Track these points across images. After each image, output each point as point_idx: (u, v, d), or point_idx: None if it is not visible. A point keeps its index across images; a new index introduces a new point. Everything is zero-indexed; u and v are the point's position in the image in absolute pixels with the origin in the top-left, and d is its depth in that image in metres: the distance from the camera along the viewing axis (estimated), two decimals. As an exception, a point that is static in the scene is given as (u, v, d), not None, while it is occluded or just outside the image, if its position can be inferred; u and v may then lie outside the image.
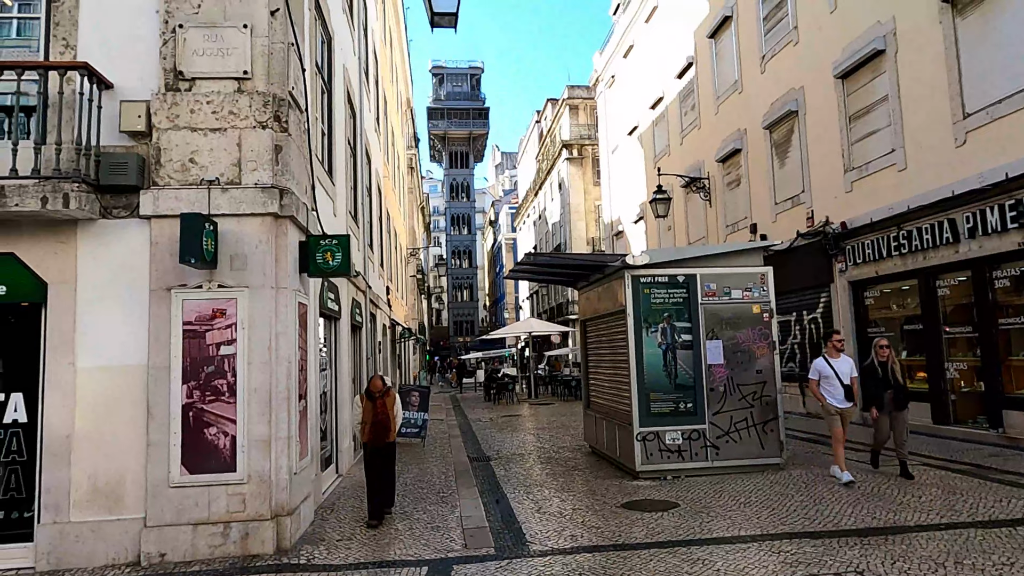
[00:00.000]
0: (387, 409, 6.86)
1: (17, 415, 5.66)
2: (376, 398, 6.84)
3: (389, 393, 6.97)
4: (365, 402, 6.86)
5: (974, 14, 9.55)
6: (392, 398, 6.97)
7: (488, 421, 16.53)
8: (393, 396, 6.99)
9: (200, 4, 6.00)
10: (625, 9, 25.85)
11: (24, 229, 5.66)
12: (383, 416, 6.80)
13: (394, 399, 7.00)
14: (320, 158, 8.30)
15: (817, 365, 7.88)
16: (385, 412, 6.83)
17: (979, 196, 9.25)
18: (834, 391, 7.70)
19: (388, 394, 6.95)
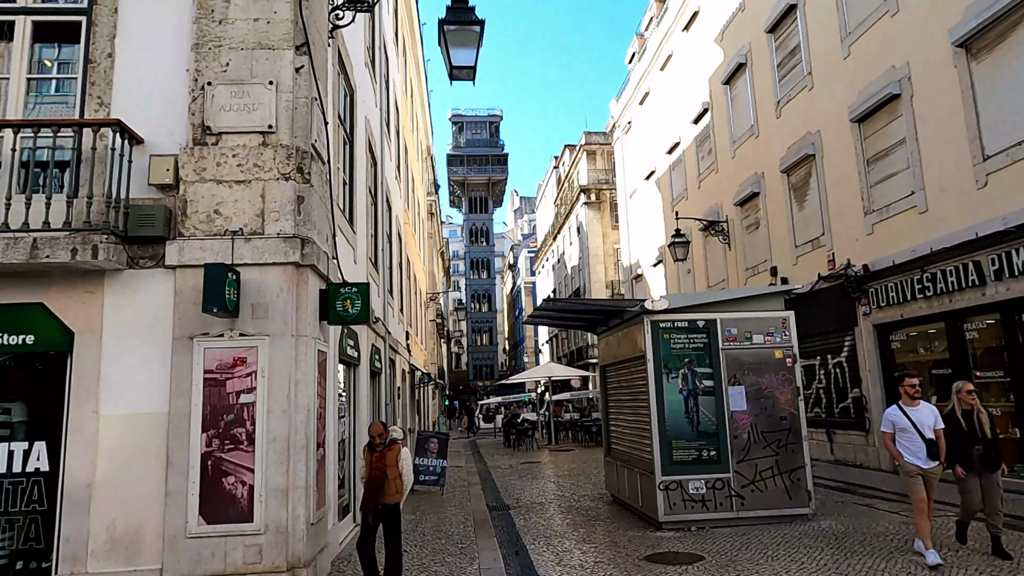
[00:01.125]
0: (385, 464, 5.86)
1: (40, 464, 5.70)
2: (376, 449, 5.95)
3: (394, 446, 6.00)
4: (366, 453, 6.02)
5: (988, 58, 9.59)
6: (396, 452, 5.95)
7: (508, 468, 16.29)
8: (398, 450, 5.97)
9: (228, 62, 6.23)
10: (640, 58, 26.39)
11: (53, 279, 5.81)
12: (379, 472, 5.80)
13: (398, 453, 5.95)
14: (341, 207, 8.46)
15: (890, 415, 6.47)
16: (382, 467, 5.83)
17: (1004, 238, 9.12)
18: (913, 446, 6.25)
19: (392, 447, 5.99)
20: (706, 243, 19.67)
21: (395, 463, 5.92)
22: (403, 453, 6.02)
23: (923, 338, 11.33)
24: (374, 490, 5.81)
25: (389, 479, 5.85)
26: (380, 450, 5.94)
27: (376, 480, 5.81)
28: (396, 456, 5.94)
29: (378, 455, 5.91)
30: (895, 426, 6.38)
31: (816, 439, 13.51)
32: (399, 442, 6.10)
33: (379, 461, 5.87)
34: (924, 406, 6.41)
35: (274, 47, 6.28)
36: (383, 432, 6.05)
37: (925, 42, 10.69)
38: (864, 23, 12.29)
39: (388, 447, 5.97)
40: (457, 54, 7.20)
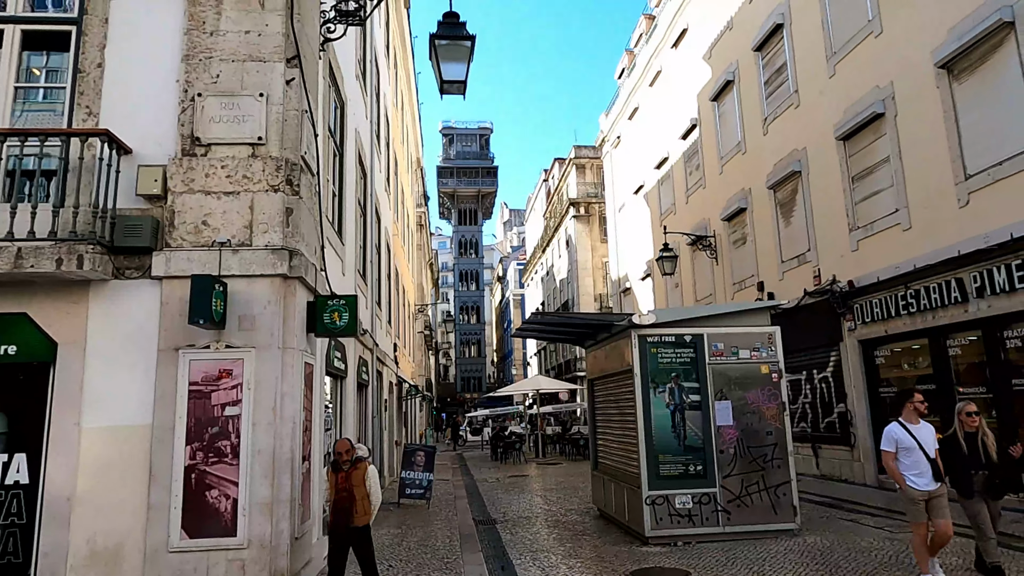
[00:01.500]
0: (352, 484, 5.56)
1: (19, 476, 5.62)
2: (341, 468, 5.65)
3: (360, 465, 5.68)
4: (330, 474, 5.71)
5: (970, 79, 9.78)
6: (363, 471, 5.65)
7: (495, 481, 16.21)
8: (365, 468, 5.68)
9: (219, 74, 6.24)
10: (630, 73, 26.65)
11: (37, 289, 5.76)
12: (345, 493, 5.52)
13: (365, 471, 5.65)
14: (330, 219, 8.45)
15: (892, 432, 5.88)
16: (349, 488, 5.54)
17: (985, 256, 9.26)
18: (918, 467, 5.71)
19: (359, 466, 5.67)
20: (694, 257, 19.81)
21: (362, 482, 5.62)
22: (370, 471, 5.73)
23: (907, 354, 11.44)
24: (342, 513, 5.51)
25: (357, 500, 5.55)
26: (346, 469, 5.64)
27: (343, 502, 5.51)
28: (363, 475, 5.64)
29: (344, 475, 5.60)
30: (898, 444, 5.81)
31: (802, 454, 13.57)
32: (365, 460, 5.80)
33: (345, 481, 5.57)
34: (924, 424, 5.93)
35: (265, 59, 6.30)
36: (351, 449, 5.73)
37: (909, 63, 10.89)
38: (849, 43, 12.51)
39: (354, 466, 5.67)
40: (448, 68, 7.26)
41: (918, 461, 5.71)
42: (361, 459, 5.76)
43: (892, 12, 11.34)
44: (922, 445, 5.73)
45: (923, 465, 5.69)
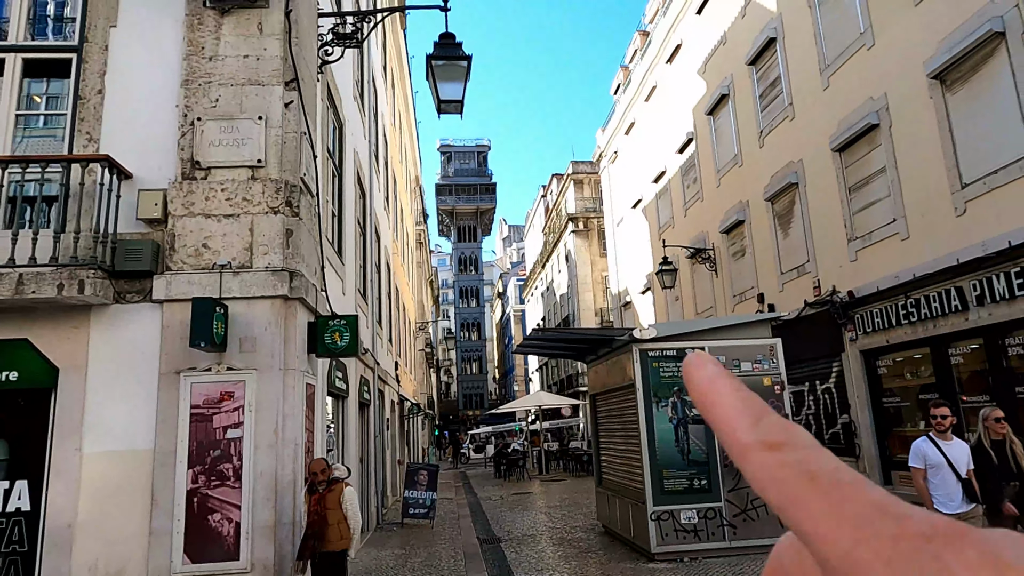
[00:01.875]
0: (326, 506, 5.33)
1: (20, 503, 5.59)
2: (316, 489, 5.43)
3: (336, 486, 5.43)
4: (306, 496, 5.50)
5: (962, 90, 9.86)
6: (339, 492, 5.41)
7: (498, 499, 16.11)
8: (341, 490, 5.45)
9: (218, 98, 6.30)
10: (625, 89, 26.86)
11: (39, 315, 5.76)
12: (317, 516, 5.30)
13: (341, 493, 5.42)
14: (330, 239, 8.48)
15: (920, 448, 5.47)
16: (322, 510, 5.31)
17: (984, 264, 9.28)
18: (946, 487, 5.30)
19: (334, 487, 5.42)
20: (693, 270, 19.83)
21: (337, 505, 5.36)
22: (347, 493, 5.47)
23: (909, 363, 11.42)
24: (312, 538, 5.24)
25: (331, 524, 5.30)
26: (321, 491, 5.43)
27: (314, 526, 5.26)
28: (339, 497, 5.39)
29: (317, 497, 5.39)
30: (926, 462, 5.38)
31: (807, 466, 13.47)
32: (343, 481, 5.57)
33: (318, 503, 5.35)
34: (957, 441, 5.51)
35: (263, 83, 6.36)
36: (327, 468, 5.50)
37: (901, 74, 10.98)
38: (842, 55, 12.62)
39: (330, 487, 5.45)
40: (445, 88, 7.34)
41: (946, 481, 5.28)
42: (338, 480, 5.53)
43: (883, 24, 11.46)
44: (952, 463, 5.28)
45: (951, 485, 5.26)
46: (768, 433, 0.25)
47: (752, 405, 0.27)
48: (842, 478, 0.23)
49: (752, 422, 0.26)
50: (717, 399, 0.27)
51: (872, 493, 0.23)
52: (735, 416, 0.27)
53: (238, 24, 6.44)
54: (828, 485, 0.23)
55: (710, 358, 0.30)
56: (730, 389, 0.28)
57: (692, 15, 19.64)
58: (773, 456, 0.24)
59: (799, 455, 0.24)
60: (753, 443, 0.25)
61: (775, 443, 0.25)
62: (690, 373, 0.29)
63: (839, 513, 0.22)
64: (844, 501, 0.22)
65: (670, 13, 21.19)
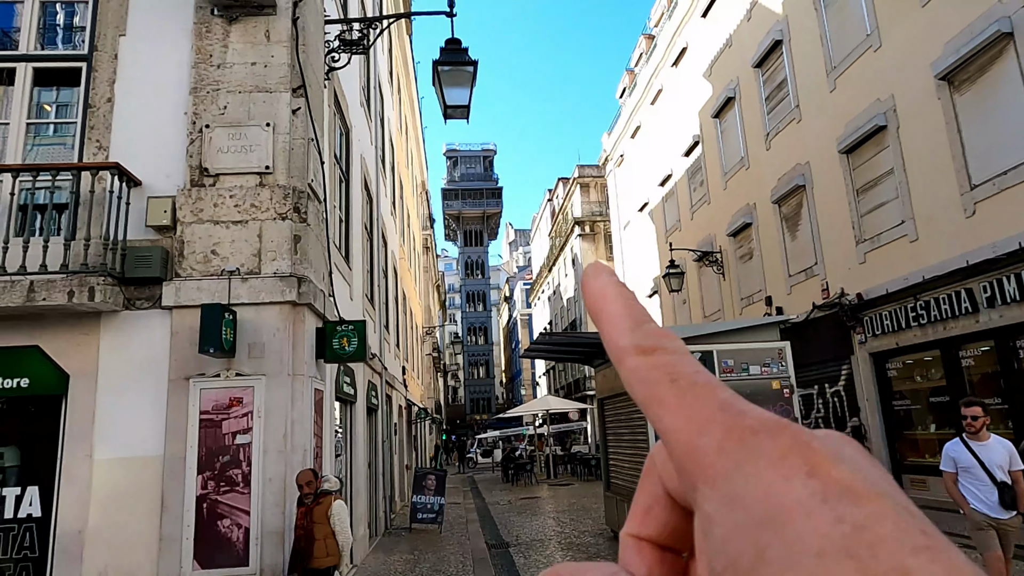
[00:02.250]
0: (312, 520, 5.10)
1: (32, 509, 5.62)
2: (303, 502, 5.22)
3: (324, 499, 5.21)
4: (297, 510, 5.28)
5: (970, 90, 9.81)
6: (327, 506, 5.18)
7: (506, 504, 16.08)
8: (329, 503, 5.21)
9: (226, 105, 6.34)
10: (631, 92, 26.86)
11: (49, 322, 5.81)
12: (302, 530, 5.09)
13: (328, 507, 5.18)
14: (337, 244, 8.51)
15: (951, 451, 5.16)
16: (309, 525, 5.09)
17: (995, 265, 9.21)
18: (979, 491, 4.95)
19: (323, 500, 5.20)
20: (700, 274, 19.78)
21: (325, 519, 5.12)
22: (336, 507, 5.22)
23: (919, 366, 11.34)
24: (298, 555, 5.04)
25: (317, 539, 5.06)
26: (308, 504, 5.19)
27: (300, 541, 5.05)
28: (326, 510, 5.15)
29: (304, 510, 5.16)
30: (956, 464, 5.08)
31: (817, 469, 13.39)
32: (333, 494, 5.33)
33: (304, 517, 5.13)
34: (995, 440, 5.09)
35: (271, 90, 6.39)
36: (312, 480, 5.25)
37: (908, 75, 10.94)
38: (849, 57, 12.58)
39: (317, 500, 5.21)
40: (451, 93, 7.36)
41: (977, 483, 4.93)
42: (327, 492, 5.29)
43: (890, 26, 11.42)
44: (986, 465, 4.91)
45: (985, 488, 4.89)
46: (643, 339, 0.27)
47: (634, 313, 0.29)
48: (697, 380, 0.26)
49: (631, 328, 0.28)
50: (604, 306, 0.29)
51: (720, 393, 0.25)
52: (617, 322, 0.28)
53: (246, 32, 6.48)
54: (684, 386, 0.25)
55: (606, 268, 0.31)
56: (617, 297, 0.30)
57: (697, 18, 19.63)
58: (644, 359, 0.26)
59: (666, 359, 0.26)
60: (628, 347, 0.27)
61: (648, 348, 0.27)
62: (585, 282, 0.31)
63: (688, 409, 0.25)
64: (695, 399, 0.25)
65: (675, 16, 21.20)
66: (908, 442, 11.62)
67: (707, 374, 0.27)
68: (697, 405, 0.25)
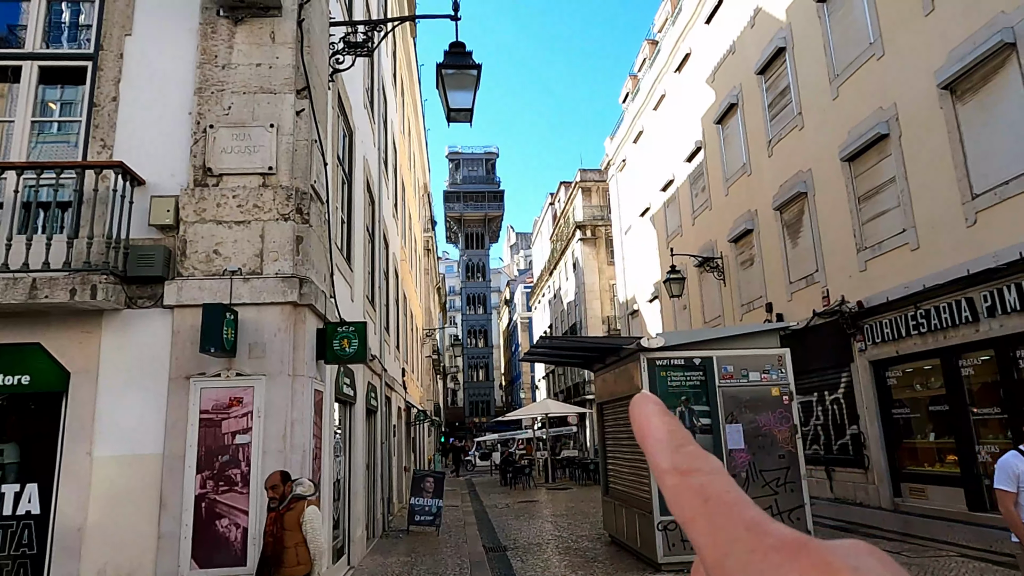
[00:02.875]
0: (283, 527, 4.76)
1: (31, 506, 5.62)
2: (271, 507, 4.88)
3: (296, 505, 4.87)
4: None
5: (973, 100, 9.83)
6: (299, 512, 4.83)
7: (504, 507, 16.07)
8: (301, 509, 4.86)
9: (231, 106, 6.36)
10: (634, 97, 26.90)
11: (51, 319, 5.82)
12: (272, 539, 4.73)
13: (301, 513, 4.84)
14: (339, 245, 8.52)
15: (1009, 466, 4.27)
16: (278, 532, 4.74)
17: (995, 275, 9.22)
18: None
19: (295, 506, 4.86)
20: (701, 279, 19.78)
21: (296, 526, 4.78)
22: (309, 513, 4.86)
23: (919, 374, 11.34)
24: (265, 564, 4.71)
25: (288, 547, 4.71)
26: (277, 509, 4.83)
27: (268, 549, 4.71)
28: (298, 517, 4.81)
29: (274, 515, 4.80)
30: (1019, 481, 4.19)
31: (815, 477, 13.39)
32: (306, 499, 4.97)
33: (273, 524, 4.78)
34: None
35: (275, 91, 6.41)
36: (279, 485, 4.88)
37: (911, 84, 10.96)
38: (851, 65, 12.61)
39: (289, 506, 4.86)
40: (455, 97, 7.37)
41: None
42: (300, 497, 4.94)
43: (893, 35, 11.45)
44: None
45: None
46: (682, 461, 0.30)
47: (676, 438, 0.32)
48: (727, 500, 0.27)
49: (672, 451, 0.31)
50: (649, 432, 0.32)
51: (747, 512, 0.27)
52: (660, 447, 0.31)
53: (251, 33, 6.51)
54: (714, 506, 0.27)
55: (652, 398, 0.34)
56: (660, 424, 0.32)
57: (701, 24, 19.68)
58: (681, 480, 0.29)
59: (701, 480, 0.28)
60: (668, 468, 0.30)
61: (685, 470, 0.29)
62: (632, 410, 0.34)
63: (716, 529, 0.27)
64: (723, 520, 0.27)
65: (679, 22, 21.24)
66: (907, 451, 11.61)
67: (737, 493, 0.29)
68: (725, 526, 0.27)
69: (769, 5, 15.63)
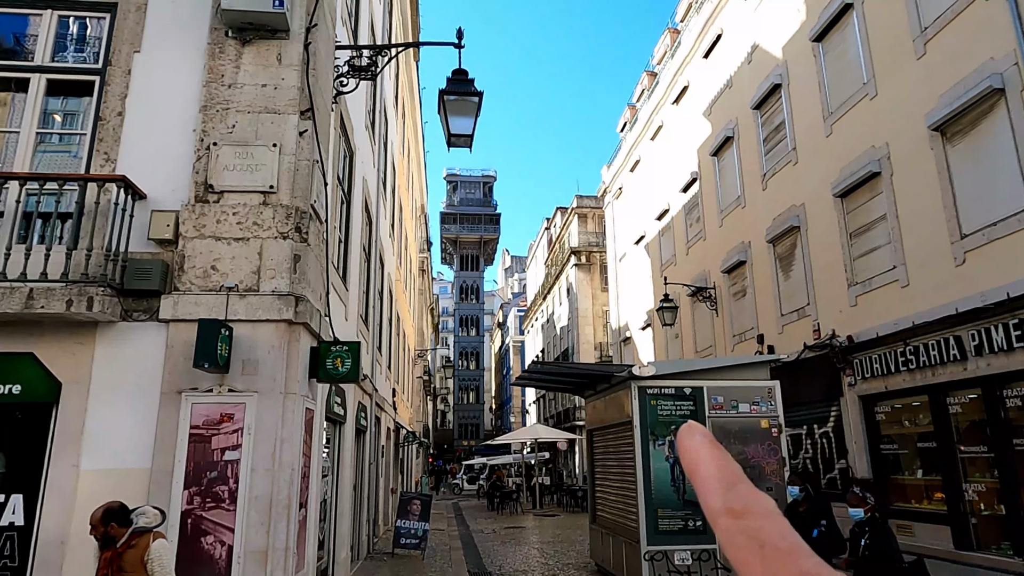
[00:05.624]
0: (122, 568, 3.82)
1: (15, 517, 5.57)
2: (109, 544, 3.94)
3: (139, 541, 3.94)
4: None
5: (962, 142, 10.05)
6: (142, 549, 3.91)
7: (491, 532, 15.93)
8: (146, 546, 3.94)
9: (235, 124, 6.45)
10: (632, 127, 27.26)
11: (45, 329, 5.82)
12: None
13: (145, 550, 3.91)
14: (336, 265, 8.58)
15: None
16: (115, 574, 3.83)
17: (983, 314, 9.34)
18: None
19: (137, 542, 3.93)
20: (694, 308, 19.89)
21: (139, 566, 3.85)
22: (155, 548, 3.96)
23: (908, 410, 11.40)
24: None
25: None
26: (115, 547, 3.90)
27: None
28: (142, 555, 3.88)
29: (109, 555, 3.86)
30: None
31: (803, 510, 13.35)
32: (151, 531, 4.06)
33: (108, 567, 3.83)
34: None
35: (279, 111, 6.52)
36: (98, 525, 3.96)
37: (903, 125, 11.19)
38: (845, 104, 12.87)
39: (129, 542, 3.94)
40: (456, 122, 7.50)
41: None
42: (144, 530, 4.05)
43: (886, 76, 11.72)
44: None
45: None
46: (734, 501, 0.30)
47: (727, 473, 0.32)
48: (782, 547, 0.27)
49: (724, 489, 0.31)
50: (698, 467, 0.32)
51: (803, 563, 0.27)
52: (711, 484, 0.31)
53: (258, 54, 6.62)
54: (770, 553, 0.27)
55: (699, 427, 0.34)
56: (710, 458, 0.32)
57: (699, 58, 20.05)
58: (735, 523, 0.29)
59: (755, 523, 0.29)
60: (720, 509, 0.30)
61: (738, 511, 0.29)
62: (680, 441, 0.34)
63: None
64: (779, 568, 0.27)
65: (678, 56, 21.64)
66: (895, 487, 11.63)
67: (793, 538, 0.28)
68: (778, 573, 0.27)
69: (766, 42, 15.97)
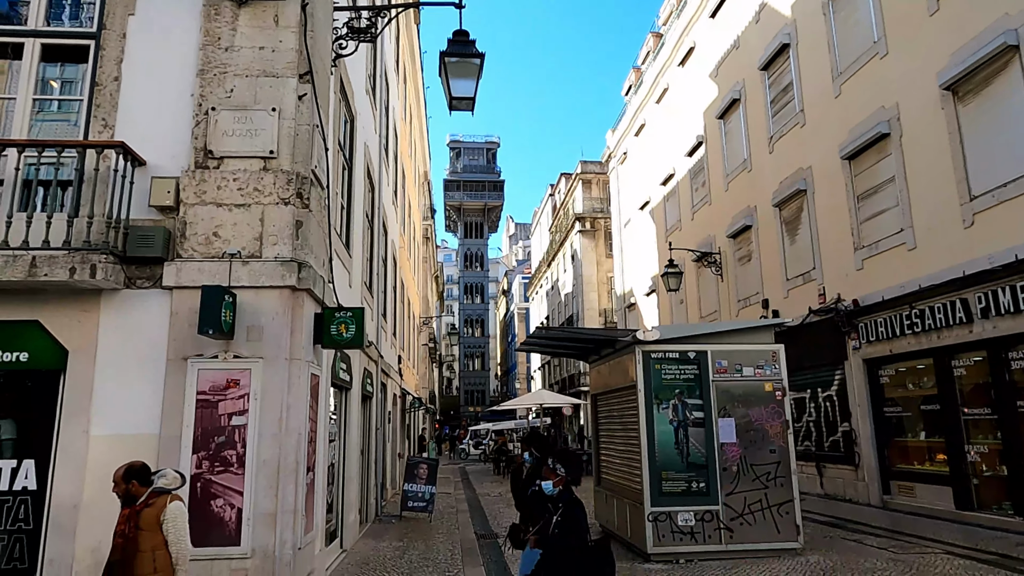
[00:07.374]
0: (138, 525, 3.97)
1: (27, 482, 5.67)
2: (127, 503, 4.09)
3: (156, 501, 4.08)
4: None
5: (974, 102, 9.85)
6: (158, 510, 4.03)
7: (497, 495, 16.17)
8: (162, 506, 4.05)
9: (233, 89, 6.35)
10: (637, 90, 26.84)
11: (50, 297, 5.84)
12: (123, 540, 3.94)
13: (161, 511, 4.03)
14: (338, 231, 8.54)
15: None
16: (131, 532, 3.94)
17: (990, 277, 9.27)
18: None
19: (154, 501, 4.07)
20: (699, 274, 19.84)
21: (155, 525, 3.99)
22: (171, 510, 4.06)
23: (912, 374, 11.42)
24: (112, 568, 3.94)
25: (143, 551, 3.91)
26: (134, 505, 4.05)
27: (117, 552, 3.93)
28: (158, 515, 4.01)
29: (128, 512, 4.02)
30: None
31: (806, 472, 13.51)
32: (169, 493, 4.16)
33: (126, 522, 3.98)
34: None
35: (278, 75, 6.41)
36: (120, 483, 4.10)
37: (914, 84, 10.97)
38: (855, 64, 12.61)
39: (148, 501, 4.07)
40: (457, 85, 7.37)
41: None
42: (163, 491, 4.15)
43: (897, 34, 11.44)
44: None
45: None
46: None
47: None
48: None
49: None
50: None
51: None
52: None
53: (255, 16, 6.49)
54: None
55: None
56: None
57: (706, 18, 19.62)
58: None
59: None
60: None
61: None
62: None
63: None
64: None
65: (684, 16, 21.17)
66: (898, 449, 11.72)
67: None
68: None
69: (774, 1, 15.59)
